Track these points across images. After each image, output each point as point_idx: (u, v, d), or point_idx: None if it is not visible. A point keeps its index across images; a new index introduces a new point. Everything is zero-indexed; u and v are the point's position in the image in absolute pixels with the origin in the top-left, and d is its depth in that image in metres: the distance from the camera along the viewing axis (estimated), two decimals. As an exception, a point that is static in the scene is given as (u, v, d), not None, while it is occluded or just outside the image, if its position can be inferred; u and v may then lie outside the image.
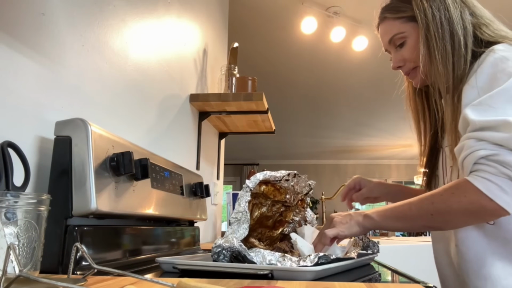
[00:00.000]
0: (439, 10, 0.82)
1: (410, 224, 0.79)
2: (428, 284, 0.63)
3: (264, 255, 0.71)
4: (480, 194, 0.68)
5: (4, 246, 0.49)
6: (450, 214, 0.72)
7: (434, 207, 0.74)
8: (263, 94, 1.67)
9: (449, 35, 0.80)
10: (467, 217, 0.72)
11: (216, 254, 0.74)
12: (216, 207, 2.15)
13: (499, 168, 0.66)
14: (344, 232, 0.82)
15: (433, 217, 0.74)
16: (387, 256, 2.03)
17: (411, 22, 0.86)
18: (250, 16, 3.17)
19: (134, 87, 1.17)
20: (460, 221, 0.74)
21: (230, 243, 0.73)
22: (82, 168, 0.72)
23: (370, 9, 0.98)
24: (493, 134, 0.68)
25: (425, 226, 0.78)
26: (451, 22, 0.81)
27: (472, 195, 0.69)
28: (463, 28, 0.81)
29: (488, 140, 0.69)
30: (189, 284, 0.44)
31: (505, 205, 0.66)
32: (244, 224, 0.78)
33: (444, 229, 0.82)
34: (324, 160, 8.70)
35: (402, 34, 0.87)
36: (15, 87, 0.70)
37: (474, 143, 0.70)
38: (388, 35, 0.90)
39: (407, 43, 0.87)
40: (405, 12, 0.87)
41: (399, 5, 0.88)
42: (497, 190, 0.66)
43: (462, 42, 0.79)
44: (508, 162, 0.65)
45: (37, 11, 0.76)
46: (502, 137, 0.67)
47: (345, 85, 4.58)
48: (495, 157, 0.67)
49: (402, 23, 0.87)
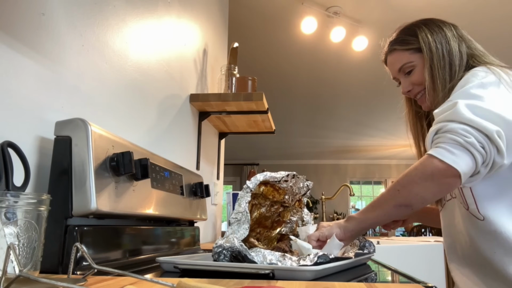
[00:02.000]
0: (441, 43, 0.95)
1: (383, 208, 0.85)
2: (428, 284, 0.63)
3: (264, 254, 0.72)
4: (432, 158, 0.78)
5: (4, 246, 0.49)
6: (412, 183, 0.80)
7: (399, 183, 0.83)
8: (263, 94, 1.67)
9: (448, 66, 0.94)
10: (427, 182, 0.79)
11: (217, 254, 0.74)
12: (216, 207, 2.15)
13: (446, 135, 0.78)
14: (324, 233, 0.88)
15: (399, 192, 0.82)
16: (387, 256, 2.03)
17: (418, 53, 0.98)
18: (250, 16, 3.17)
19: (134, 87, 1.17)
20: (422, 188, 0.80)
21: (231, 243, 0.73)
22: (82, 168, 0.72)
23: (370, 9, 1.01)
24: (444, 114, 0.81)
25: (396, 205, 0.83)
26: (451, 54, 0.94)
27: (426, 161, 0.79)
28: (460, 59, 0.94)
29: (440, 120, 0.81)
30: (189, 284, 0.44)
31: (453, 163, 0.75)
32: (245, 225, 0.78)
33: (412, 204, 0.83)
34: (324, 160, 8.70)
35: (411, 63, 0.99)
36: (15, 87, 0.70)
37: (432, 127, 0.82)
38: (398, 64, 1.02)
39: (415, 71, 0.99)
40: (412, 44, 0.99)
41: (407, 38, 1.00)
42: (446, 152, 0.77)
43: (458, 71, 0.93)
44: (454, 128, 0.77)
45: (37, 11, 0.76)
46: (449, 113, 0.80)
47: (345, 85, 4.58)
48: (443, 128, 0.79)
49: (411, 54, 0.99)
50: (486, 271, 0.89)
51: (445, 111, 0.81)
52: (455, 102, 0.80)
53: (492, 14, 3.09)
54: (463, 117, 0.77)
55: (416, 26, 1.01)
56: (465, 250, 0.94)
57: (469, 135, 0.76)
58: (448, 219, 1.01)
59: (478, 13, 3.08)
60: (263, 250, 0.73)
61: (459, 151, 0.76)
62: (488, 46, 1.01)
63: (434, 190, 0.81)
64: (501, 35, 3.38)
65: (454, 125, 0.77)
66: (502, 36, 3.39)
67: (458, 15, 3.09)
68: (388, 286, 0.62)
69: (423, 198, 0.83)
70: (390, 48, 1.04)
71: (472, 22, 3.18)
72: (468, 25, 3.26)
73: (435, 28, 0.98)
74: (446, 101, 0.85)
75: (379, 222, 0.90)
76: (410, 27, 1.02)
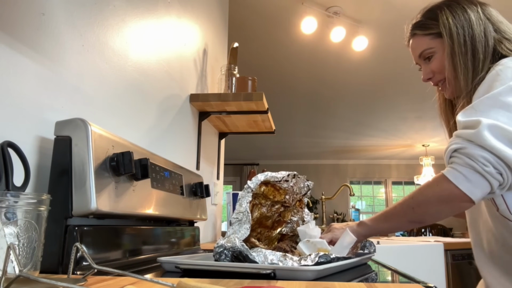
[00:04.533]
0: (463, 28, 0.89)
1: (397, 221, 0.87)
2: (428, 284, 0.63)
3: (265, 254, 0.72)
4: (449, 182, 0.77)
5: (4, 246, 0.49)
6: (427, 204, 0.81)
7: (414, 200, 0.83)
8: (263, 94, 1.67)
9: (471, 53, 0.87)
10: (442, 205, 0.80)
11: (218, 254, 0.74)
12: (216, 207, 2.15)
13: (465, 160, 0.75)
14: (338, 235, 0.91)
15: (414, 210, 0.83)
16: (387, 256, 2.03)
17: (439, 38, 0.93)
18: (250, 16, 3.17)
19: (134, 87, 1.17)
20: (436, 210, 0.81)
21: (232, 243, 0.73)
22: (82, 168, 0.72)
23: (370, 9, 1.00)
24: (467, 131, 0.77)
25: (409, 221, 0.85)
26: (473, 40, 0.88)
27: (443, 184, 0.78)
28: (484, 46, 0.87)
29: (461, 136, 0.78)
30: (189, 284, 0.44)
31: (468, 192, 0.75)
32: (246, 224, 0.79)
33: (426, 221, 0.85)
34: (324, 160, 8.70)
35: (431, 49, 0.95)
36: (15, 87, 0.70)
37: (452, 139, 0.80)
38: (419, 50, 0.97)
39: (435, 57, 0.95)
40: (433, 29, 0.94)
41: (427, 23, 0.95)
42: (462, 178, 0.75)
43: (481, 59, 0.86)
44: (473, 154, 0.74)
45: (37, 11, 0.76)
46: (471, 133, 0.76)
47: (345, 85, 4.58)
48: (463, 150, 0.76)
49: (431, 39, 0.95)
50: None
51: (468, 126, 0.77)
52: (479, 121, 0.75)
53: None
54: (485, 143, 0.74)
55: (439, 8, 0.95)
56: (493, 248, 0.91)
57: (487, 164, 0.74)
58: (473, 215, 0.98)
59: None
60: (264, 250, 0.73)
61: (476, 178, 0.75)
62: None
63: (448, 212, 0.82)
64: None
65: (474, 151, 0.75)
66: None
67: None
68: (388, 286, 0.62)
69: (437, 218, 0.85)
70: (411, 32, 1.00)
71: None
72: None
73: (458, 10, 0.92)
74: (471, 108, 0.79)
75: (391, 232, 0.94)
76: (433, 9, 0.97)
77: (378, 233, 0.92)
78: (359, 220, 0.94)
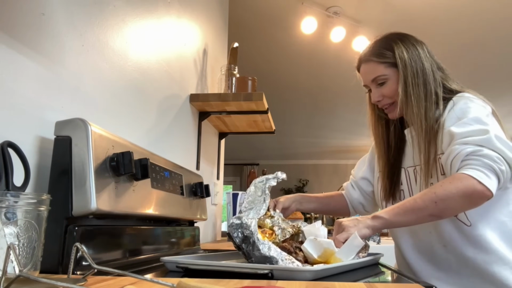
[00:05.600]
0: (415, 62, 1.01)
1: (417, 215, 0.90)
2: (428, 284, 0.63)
3: (270, 247, 0.73)
4: (472, 179, 0.84)
5: (4, 246, 0.49)
6: (451, 199, 0.86)
7: (437, 195, 0.87)
8: (263, 94, 1.67)
9: (422, 84, 1.00)
10: (464, 200, 0.86)
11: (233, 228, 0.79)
12: (216, 207, 2.15)
13: (483, 161, 0.85)
14: (352, 231, 0.88)
15: (436, 204, 0.87)
16: (387, 256, 2.02)
17: (393, 68, 1.04)
18: (250, 16, 3.17)
19: (134, 87, 1.17)
20: (458, 205, 0.88)
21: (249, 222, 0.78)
22: (82, 168, 0.72)
23: (370, 9, 1.02)
24: (474, 138, 0.88)
25: (430, 215, 0.89)
26: (424, 73, 1.01)
27: (467, 181, 0.85)
28: (433, 79, 1.01)
29: (471, 142, 0.88)
30: (189, 284, 0.44)
31: (490, 187, 0.84)
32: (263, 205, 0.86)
33: (445, 216, 0.93)
34: (324, 160, 8.70)
35: (385, 76, 1.04)
36: (15, 87, 0.70)
37: (459, 146, 0.89)
38: (372, 75, 1.07)
39: (388, 83, 1.05)
40: (388, 59, 1.04)
41: (383, 52, 1.05)
42: (484, 176, 0.84)
43: (433, 90, 1.00)
44: (489, 155, 0.85)
45: (37, 11, 0.76)
46: (482, 139, 0.87)
47: (345, 85, 4.58)
48: (479, 152, 0.86)
49: (386, 67, 1.04)
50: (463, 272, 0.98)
51: (475, 135, 0.88)
52: (486, 130, 0.88)
53: (493, 15, 3.09)
54: (496, 147, 0.86)
55: (393, 41, 1.05)
56: (438, 249, 1.01)
57: (502, 164, 0.85)
58: None
59: (478, 13, 3.08)
60: (271, 243, 0.74)
61: (493, 176, 0.85)
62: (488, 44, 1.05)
63: (467, 207, 0.90)
64: (501, 35, 3.38)
65: (489, 152, 0.85)
66: (502, 36, 3.39)
67: (458, 15, 3.09)
68: (388, 286, 0.62)
69: (455, 212, 0.93)
70: (366, 58, 1.08)
71: (472, 22, 3.18)
72: (467, 25, 3.25)
73: (410, 45, 1.04)
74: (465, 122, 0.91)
75: (407, 225, 0.98)
76: (387, 41, 1.07)
77: (394, 226, 0.96)
78: (373, 214, 0.93)
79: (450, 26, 3.25)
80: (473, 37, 3.39)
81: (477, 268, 0.95)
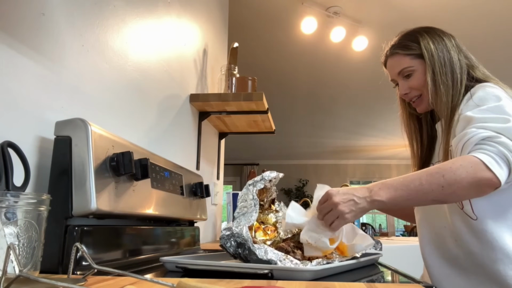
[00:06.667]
0: (442, 52, 1.01)
1: (420, 199, 0.84)
2: (428, 284, 0.63)
3: (266, 250, 0.73)
4: (482, 165, 0.80)
5: (4, 246, 0.49)
6: (459, 185, 0.80)
7: (445, 179, 0.81)
8: (263, 94, 1.67)
9: (450, 73, 0.99)
10: (471, 187, 0.81)
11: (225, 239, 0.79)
12: (216, 207, 2.15)
13: (498, 148, 0.80)
14: (350, 220, 0.83)
15: (443, 189, 0.81)
16: (387, 256, 2.03)
17: (419, 59, 1.03)
18: (250, 16, 3.17)
19: (134, 87, 1.17)
20: (465, 191, 0.82)
21: (239, 230, 0.77)
22: (82, 168, 0.72)
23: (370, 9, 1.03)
24: (494, 124, 0.83)
25: (433, 200, 0.84)
26: (451, 62, 1.00)
27: (477, 166, 0.80)
28: (460, 68, 1.00)
29: (489, 128, 0.83)
30: (189, 284, 0.44)
31: (499, 175, 0.79)
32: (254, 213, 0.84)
33: (449, 202, 0.90)
34: (324, 160, 8.70)
35: (411, 68, 1.04)
36: (15, 87, 0.70)
37: (476, 129, 0.84)
38: (399, 68, 1.06)
39: (414, 75, 1.04)
40: (414, 50, 1.04)
41: (408, 44, 1.05)
42: (495, 163, 0.80)
43: (459, 79, 0.99)
44: (506, 144, 0.80)
45: (37, 11, 0.76)
46: (503, 127, 0.82)
47: (345, 85, 4.58)
48: (497, 139, 0.81)
49: (412, 59, 1.04)
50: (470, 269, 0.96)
51: (495, 122, 0.84)
52: (508, 118, 0.84)
53: (491, 14, 3.09)
54: None
55: (418, 33, 1.05)
56: (447, 243, 1.00)
57: None
58: (428, 213, 1.07)
59: (478, 13, 3.08)
60: (267, 246, 0.74)
61: (505, 166, 0.81)
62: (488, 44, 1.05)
63: (473, 195, 0.85)
64: (500, 34, 3.38)
65: (507, 141, 0.81)
66: (501, 35, 3.39)
67: (458, 15, 3.09)
68: (388, 286, 0.62)
69: (460, 199, 0.90)
70: (392, 52, 1.08)
71: (472, 22, 3.18)
72: (467, 25, 3.25)
73: (436, 36, 1.04)
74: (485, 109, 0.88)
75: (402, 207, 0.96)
76: (412, 33, 1.07)
77: (391, 208, 0.93)
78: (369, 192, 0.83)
79: (450, 26, 3.24)
80: (473, 37, 3.39)
81: (482, 265, 0.93)
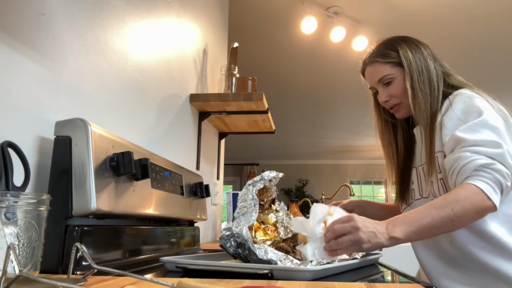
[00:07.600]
0: (420, 60, 1.05)
1: (433, 233, 0.87)
2: (428, 284, 0.63)
3: (266, 250, 0.73)
4: (483, 194, 0.84)
5: (4, 246, 0.49)
6: (466, 216, 0.84)
7: (454, 212, 0.84)
8: (263, 94, 1.67)
9: (427, 80, 1.03)
10: (476, 215, 0.86)
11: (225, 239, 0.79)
12: (216, 207, 2.15)
13: (494, 175, 0.85)
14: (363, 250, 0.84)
15: (453, 222, 0.84)
16: (387, 256, 2.03)
17: (398, 67, 1.06)
18: (250, 16, 3.17)
19: (134, 87, 1.17)
20: (470, 220, 0.87)
21: (239, 230, 0.77)
22: (82, 168, 0.72)
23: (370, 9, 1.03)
24: (487, 149, 0.87)
25: (444, 232, 0.88)
26: (428, 70, 1.04)
27: (479, 196, 0.84)
28: (436, 76, 1.04)
29: (482, 153, 0.86)
30: (189, 284, 0.44)
31: (496, 202, 0.84)
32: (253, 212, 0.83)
33: (454, 230, 0.92)
34: (324, 160, 8.69)
35: (391, 75, 1.07)
36: (15, 87, 0.70)
37: (470, 154, 0.87)
38: (379, 75, 1.09)
39: (394, 83, 1.07)
40: (393, 58, 1.07)
41: (387, 52, 1.08)
42: (492, 191, 0.84)
43: (436, 86, 1.03)
44: (501, 171, 0.85)
45: (37, 11, 0.76)
46: (496, 153, 0.86)
47: (345, 85, 4.58)
48: (492, 166, 0.85)
49: (391, 67, 1.07)
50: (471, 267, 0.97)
51: (488, 146, 0.87)
52: (499, 143, 0.87)
53: (493, 15, 3.09)
54: (508, 163, 0.86)
55: (396, 42, 1.09)
56: (445, 246, 1.01)
57: (509, 180, 0.86)
58: None
59: (478, 13, 3.08)
60: (267, 246, 0.74)
61: (499, 191, 0.86)
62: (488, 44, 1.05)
63: (472, 222, 0.89)
64: (501, 36, 3.38)
65: (501, 167, 0.85)
66: (499, 34, 3.39)
67: (458, 15, 3.09)
68: (388, 286, 0.62)
69: (464, 225, 0.91)
70: (371, 60, 1.10)
71: (472, 22, 3.18)
72: (466, 25, 3.25)
73: (413, 45, 1.07)
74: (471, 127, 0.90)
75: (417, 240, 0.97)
76: (390, 42, 1.10)
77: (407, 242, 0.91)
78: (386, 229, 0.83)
79: (450, 26, 3.25)
80: (473, 37, 3.39)
81: (482, 262, 0.94)
